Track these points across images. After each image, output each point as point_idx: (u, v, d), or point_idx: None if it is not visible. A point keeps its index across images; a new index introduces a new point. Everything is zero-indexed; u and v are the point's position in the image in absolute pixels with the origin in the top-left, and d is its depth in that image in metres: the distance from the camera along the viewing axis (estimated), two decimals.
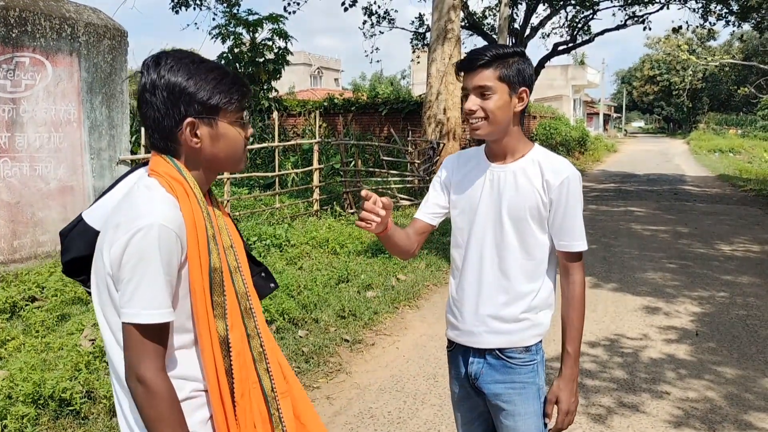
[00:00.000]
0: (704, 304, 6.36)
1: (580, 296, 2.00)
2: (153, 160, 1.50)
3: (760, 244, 9.51)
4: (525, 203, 1.95)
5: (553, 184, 1.93)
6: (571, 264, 1.99)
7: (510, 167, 1.99)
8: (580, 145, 30.22)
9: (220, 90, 1.47)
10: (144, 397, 1.37)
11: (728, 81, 56.75)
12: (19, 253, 6.69)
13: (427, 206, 2.15)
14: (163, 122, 1.45)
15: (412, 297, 6.42)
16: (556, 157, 2.01)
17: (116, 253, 1.38)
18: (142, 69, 1.46)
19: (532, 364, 2.01)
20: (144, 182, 1.47)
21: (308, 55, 52.16)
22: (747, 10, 19.76)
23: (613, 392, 4.30)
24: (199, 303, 1.43)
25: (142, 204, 1.40)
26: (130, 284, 1.37)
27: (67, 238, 1.59)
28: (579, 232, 1.98)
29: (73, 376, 3.92)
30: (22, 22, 6.65)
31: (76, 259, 1.58)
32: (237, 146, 1.54)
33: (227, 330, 1.46)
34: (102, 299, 1.49)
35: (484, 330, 2.01)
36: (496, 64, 1.91)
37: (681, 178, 20.79)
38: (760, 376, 4.56)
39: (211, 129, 1.48)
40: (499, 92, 1.91)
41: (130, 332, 1.38)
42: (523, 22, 21.23)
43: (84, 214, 1.57)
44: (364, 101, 20.49)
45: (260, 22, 14.49)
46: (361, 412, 4.02)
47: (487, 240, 2.00)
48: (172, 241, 1.39)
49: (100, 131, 7.53)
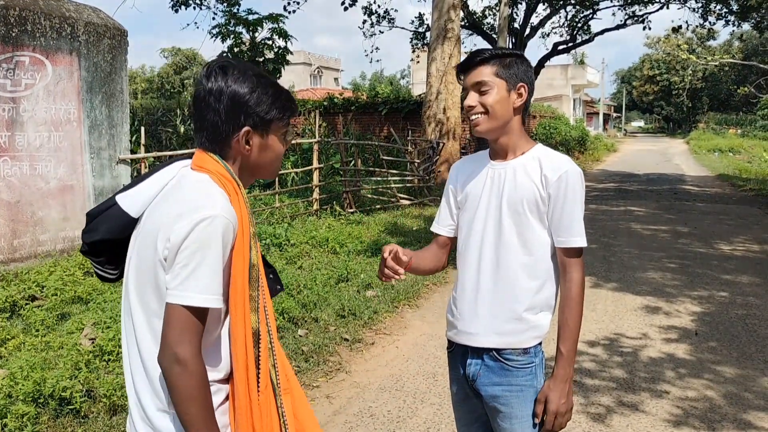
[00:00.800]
0: (704, 304, 6.37)
1: (578, 295, 1.96)
2: (199, 157, 1.59)
3: (759, 243, 9.52)
4: (523, 196, 1.95)
5: (551, 178, 1.93)
6: (569, 260, 1.96)
7: (510, 164, 2.01)
8: (579, 144, 30.22)
9: (276, 106, 1.59)
10: (180, 376, 1.42)
11: (728, 81, 56.77)
12: (19, 252, 6.69)
13: (441, 219, 2.19)
14: (221, 126, 1.55)
15: (411, 296, 6.42)
16: (557, 154, 2.02)
17: (177, 240, 1.44)
18: (207, 74, 1.56)
19: (530, 366, 1.99)
20: (195, 176, 1.56)
21: (308, 54, 52.17)
22: (747, 10, 19.77)
23: (612, 391, 4.31)
24: (239, 295, 1.51)
25: (202, 195, 1.49)
26: (186, 269, 1.43)
27: (96, 219, 1.64)
28: (578, 228, 1.95)
29: (73, 374, 3.92)
30: (22, 21, 6.65)
31: (101, 241, 1.64)
32: (278, 158, 1.67)
33: (258, 323, 1.55)
34: (143, 284, 1.54)
35: (483, 329, 1.99)
36: (494, 62, 1.95)
37: (681, 177, 20.80)
38: (760, 376, 4.57)
39: (262, 140, 1.60)
40: (497, 87, 1.94)
41: (176, 313, 1.43)
42: (522, 22, 21.23)
43: (119, 198, 1.62)
44: (364, 101, 20.49)
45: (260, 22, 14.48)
46: (361, 411, 4.03)
47: (486, 236, 2.00)
48: (229, 232, 1.48)
49: (100, 130, 7.54)
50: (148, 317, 1.54)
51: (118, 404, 3.73)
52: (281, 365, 1.64)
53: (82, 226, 1.68)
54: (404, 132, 16.78)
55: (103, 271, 1.72)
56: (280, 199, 10.83)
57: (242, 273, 1.51)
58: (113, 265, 1.71)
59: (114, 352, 4.32)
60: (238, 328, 1.51)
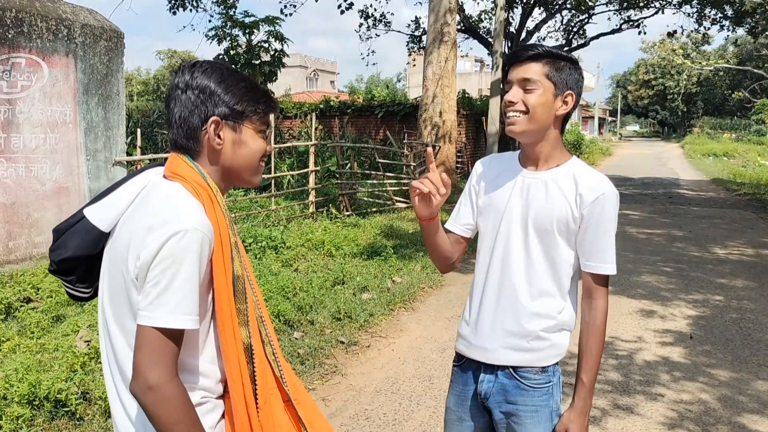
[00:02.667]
0: (699, 307, 6.39)
1: (602, 323, 1.86)
2: (173, 161, 1.50)
3: (754, 247, 9.56)
4: (553, 214, 1.83)
5: (587, 199, 1.81)
6: (596, 287, 1.86)
7: (542, 175, 1.88)
8: (575, 148, 30.33)
9: (248, 98, 1.51)
10: (157, 404, 1.32)
11: (723, 85, 57.05)
12: (15, 254, 6.68)
13: (458, 217, 2.05)
14: (189, 119, 1.48)
15: (407, 299, 6.43)
16: (594, 172, 1.88)
17: (147, 257, 1.34)
18: (176, 70, 1.51)
19: (547, 386, 1.90)
20: (167, 186, 1.46)
21: (304, 57, 52.21)
22: (741, 15, 19.87)
23: (607, 394, 4.32)
24: (225, 310, 1.42)
25: (175, 207, 1.39)
26: (156, 287, 1.34)
27: (63, 235, 1.53)
28: (610, 255, 1.85)
29: (68, 377, 3.91)
30: (18, 23, 6.64)
31: (69, 258, 1.52)
32: (255, 156, 1.55)
33: (250, 337, 1.46)
34: (117, 304, 1.45)
35: (500, 345, 1.89)
36: (546, 60, 1.81)
37: (675, 181, 20.88)
38: (754, 379, 4.59)
39: (235, 134, 1.51)
40: (543, 89, 1.81)
41: (147, 335, 1.33)
42: (518, 26, 21.29)
43: (86, 212, 1.52)
44: (360, 104, 20.51)
45: (256, 24, 14.48)
46: (357, 413, 4.03)
47: (511, 249, 1.89)
48: (205, 246, 1.38)
49: (96, 132, 7.53)
50: (128, 340, 1.43)
51: None
52: (288, 375, 1.57)
53: None
54: (400, 135, 16.81)
55: (74, 289, 1.60)
56: (276, 202, 10.83)
57: (226, 287, 1.42)
58: (86, 283, 1.59)
59: None
60: (229, 345, 1.43)
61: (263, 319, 1.54)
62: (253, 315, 1.49)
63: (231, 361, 1.43)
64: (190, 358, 1.46)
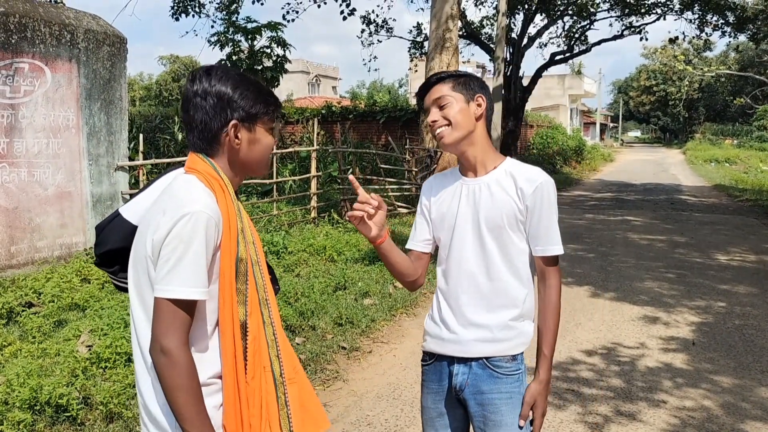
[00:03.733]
0: (701, 314, 6.37)
1: (557, 300, 2.05)
2: (191, 158, 1.68)
3: (756, 253, 9.54)
4: (502, 212, 2.00)
5: (528, 191, 1.99)
6: (548, 268, 2.04)
7: (483, 179, 2.04)
8: (576, 154, 30.33)
9: (260, 101, 1.68)
10: (167, 367, 1.48)
11: (724, 91, 57.03)
12: (17, 258, 6.68)
13: (415, 234, 2.19)
14: (211, 124, 1.64)
15: (409, 305, 6.42)
16: (528, 166, 2.06)
17: (160, 235, 1.52)
18: (192, 77, 1.67)
19: (517, 373, 2.04)
20: (184, 177, 1.64)
21: (306, 62, 52.28)
22: (743, 21, 19.89)
23: (610, 401, 4.31)
24: (226, 288, 1.58)
25: (186, 194, 1.57)
26: (168, 263, 1.50)
27: (103, 231, 1.75)
28: (555, 236, 2.03)
29: (69, 382, 3.91)
30: (21, 28, 6.67)
31: (110, 251, 1.75)
32: (267, 151, 1.74)
33: (246, 315, 1.60)
34: (139, 280, 1.62)
35: (473, 339, 2.02)
36: (449, 80, 2.03)
37: (677, 187, 20.86)
38: (757, 386, 4.57)
39: (250, 134, 1.68)
40: (455, 100, 2.01)
41: (162, 306, 1.50)
42: (520, 32, 21.30)
43: (121, 209, 1.75)
44: (362, 109, 20.53)
45: (259, 30, 14.50)
46: (358, 419, 4.02)
47: (467, 252, 2.04)
48: (212, 228, 1.54)
49: (98, 137, 7.54)
50: (147, 314, 1.59)
51: (115, 412, 3.71)
52: (287, 356, 1.70)
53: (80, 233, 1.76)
54: (402, 140, 16.81)
55: (118, 280, 1.80)
56: (278, 207, 10.83)
57: (229, 268, 1.58)
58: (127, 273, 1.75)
59: (111, 359, 4.31)
60: (226, 320, 1.57)
61: (268, 302, 1.68)
62: (255, 297, 1.63)
63: (226, 335, 1.58)
64: (201, 340, 1.59)
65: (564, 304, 2.12)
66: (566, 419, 4.02)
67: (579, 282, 7.53)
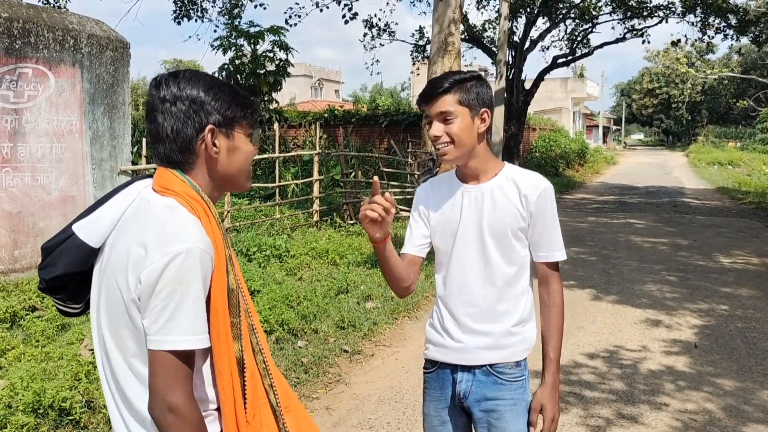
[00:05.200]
0: (703, 317, 6.37)
1: (561, 304, 2.05)
2: (162, 176, 1.48)
3: (759, 256, 9.53)
4: (505, 219, 1.99)
5: (531, 197, 1.98)
6: (550, 273, 2.05)
7: (485, 186, 2.03)
8: (579, 157, 30.30)
9: (236, 103, 1.52)
10: (175, 425, 1.33)
11: (727, 94, 56.97)
12: (20, 262, 6.70)
13: (411, 239, 2.16)
14: (183, 131, 1.46)
15: (411, 308, 6.42)
16: (529, 172, 2.06)
17: (150, 278, 1.33)
18: (156, 83, 1.48)
19: (521, 380, 2.03)
20: (161, 201, 1.44)
21: (309, 66, 52.39)
22: (745, 24, 19.86)
23: (612, 404, 4.31)
24: (221, 324, 1.42)
25: (172, 225, 1.38)
26: (165, 311, 1.33)
27: (52, 253, 1.50)
28: (558, 242, 2.04)
29: (72, 385, 3.92)
30: (25, 33, 6.70)
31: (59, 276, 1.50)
32: (248, 160, 1.56)
33: (242, 350, 1.46)
34: (115, 323, 1.44)
35: (476, 346, 2.01)
36: (455, 90, 1.95)
37: (680, 190, 20.84)
38: (759, 388, 4.57)
39: (228, 140, 1.51)
40: (461, 116, 1.95)
41: (161, 359, 1.34)
42: (522, 35, 21.31)
43: (75, 228, 1.50)
44: (365, 113, 20.57)
45: (261, 34, 14.58)
46: (360, 422, 4.02)
47: (471, 259, 2.03)
48: (207, 264, 1.38)
49: (101, 142, 7.57)
50: (126, 358, 1.43)
51: None
52: (278, 383, 1.58)
53: None
54: (404, 144, 16.84)
55: (65, 306, 1.60)
56: (281, 211, 10.85)
57: (222, 302, 1.43)
58: (76, 299, 1.59)
59: None
60: (223, 360, 1.43)
61: (254, 327, 1.54)
62: (246, 325, 1.49)
63: (224, 375, 1.43)
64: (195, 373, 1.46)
65: (566, 307, 2.12)
66: (568, 422, 4.02)
67: (581, 285, 7.53)
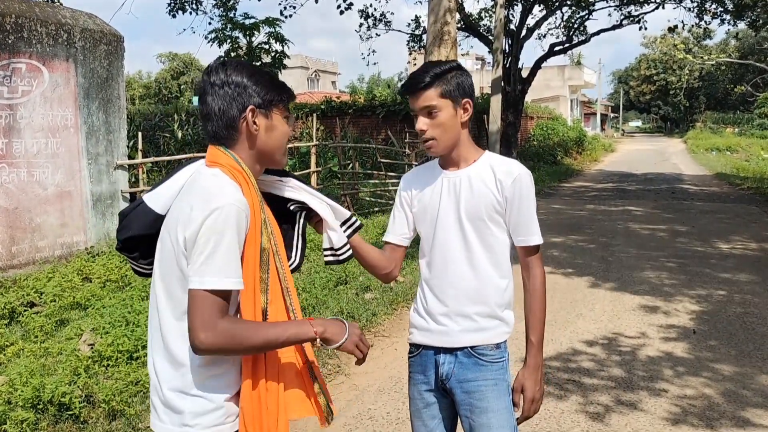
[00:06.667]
0: (702, 303, 6.38)
1: (542, 288, 2.10)
2: (211, 152, 1.72)
3: (757, 241, 9.54)
4: (481, 204, 2.05)
5: (506, 183, 2.04)
6: (530, 258, 2.11)
7: (464, 172, 2.09)
8: (577, 145, 30.27)
9: (274, 88, 1.75)
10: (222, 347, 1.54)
11: (725, 79, 56.87)
12: (18, 258, 6.70)
13: (394, 228, 2.24)
14: (229, 111, 1.69)
15: (410, 298, 6.43)
16: (507, 159, 2.12)
17: (193, 230, 1.56)
18: (208, 71, 1.73)
19: (501, 361, 2.09)
20: (209, 171, 1.68)
21: (305, 58, 52.24)
22: (742, 9, 19.79)
23: (611, 390, 4.32)
24: (250, 275, 1.63)
25: (214, 187, 1.62)
26: (202, 255, 1.55)
27: (126, 217, 1.79)
28: (534, 227, 2.08)
29: (72, 380, 3.93)
30: (18, 28, 6.67)
31: (133, 237, 1.78)
32: (284, 139, 1.79)
33: (267, 303, 1.68)
34: (167, 274, 1.66)
35: (458, 329, 2.07)
36: (437, 83, 2.01)
37: (679, 177, 20.84)
38: (758, 373, 4.58)
39: (267, 120, 1.73)
40: (444, 108, 2.02)
41: (197, 297, 1.54)
42: (519, 24, 21.23)
43: (145, 197, 1.78)
44: (362, 104, 20.49)
45: (257, 26, 14.48)
46: (360, 413, 4.03)
47: (451, 244, 2.09)
48: (242, 219, 1.60)
49: (97, 136, 7.55)
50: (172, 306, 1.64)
51: (117, 409, 3.73)
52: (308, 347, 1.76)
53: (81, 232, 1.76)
54: (402, 134, 16.80)
55: (137, 266, 1.84)
56: None
57: (254, 257, 1.64)
58: (147, 259, 1.81)
59: (113, 357, 4.32)
60: (248, 306, 1.63)
61: (289, 290, 1.75)
62: (277, 286, 1.71)
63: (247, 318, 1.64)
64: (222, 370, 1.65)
65: (565, 294, 2.15)
66: (567, 409, 4.03)
67: (580, 273, 7.54)
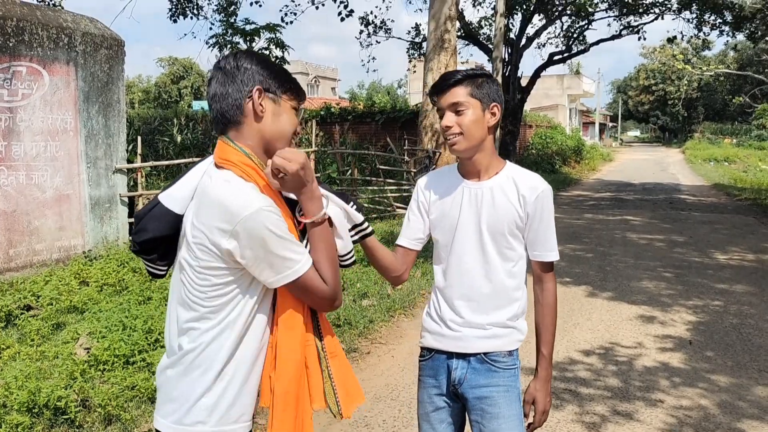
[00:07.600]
0: (699, 313, 6.38)
1: (554, 302, 2.14)
2: (220, 148, 1.71)
3: (754, 252, 9.55)
4: (503, 218, 2.05)
5: (530, 198, 2.04)
6: (545, 273, 2.14)
7: (486, 184, 2.08)
8: (575, 154, 30.32)
9: (283, 76, 1.75)
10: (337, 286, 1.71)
11: (723, 90, 57.02)
12: (15, 261, 6.69)
13: (408, 232, 2.22)
14: (236, 93, 1.69)
15: (407, 305, 6.43)
16: (529, 173, 2.12)
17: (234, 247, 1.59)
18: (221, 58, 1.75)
19: (513, 368, 2.11)
20: (222, 176, 1.66)
21: (305, 64, 52.36)
22: (740, 20, 19.91)
23: (607, 400, 4.32)
24: None
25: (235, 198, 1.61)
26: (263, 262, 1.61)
27: (143, 219, 1.76)
28: (552, 243, 2.11)
29: (68, 384, 3.92)
30: (19, 31, 6.68)
31: (151, 239, 1.76)
32: (289, 129, 1.77)
33: None
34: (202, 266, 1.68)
35: (473, 335, 2.09)
36: (467, 83, 2.02)
37: (676, 187, 20.87)
38: (754, 384, 4.58)
39: (274, 105, 1.72)
40: (472, 107, 2.01)
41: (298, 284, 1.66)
42: (518, 32, 21.31)
43: (161, 197, 1.76)
44: (361, 110, 20.54)
45: (257, 32, 14.51)
46: (356, 420, 4.03)
47: (469, 254, 2.09)
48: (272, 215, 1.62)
49: (96, 140, 7.55)
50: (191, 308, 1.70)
51: (113, 414, 3.72)
52: (325, 330, 1.81)
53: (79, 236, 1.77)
54: (401, 141, 16.82)
55: (153, 267, 1.84)
56: None
57: None
58: (164, 261, 1.81)
59: (109, 362, 4.32)
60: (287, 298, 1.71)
61: None
62: None
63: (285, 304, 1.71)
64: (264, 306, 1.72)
65: (562, 304, 2.18)
66: (563, 419, 4.03)
67: (577, 282, 7.55)
